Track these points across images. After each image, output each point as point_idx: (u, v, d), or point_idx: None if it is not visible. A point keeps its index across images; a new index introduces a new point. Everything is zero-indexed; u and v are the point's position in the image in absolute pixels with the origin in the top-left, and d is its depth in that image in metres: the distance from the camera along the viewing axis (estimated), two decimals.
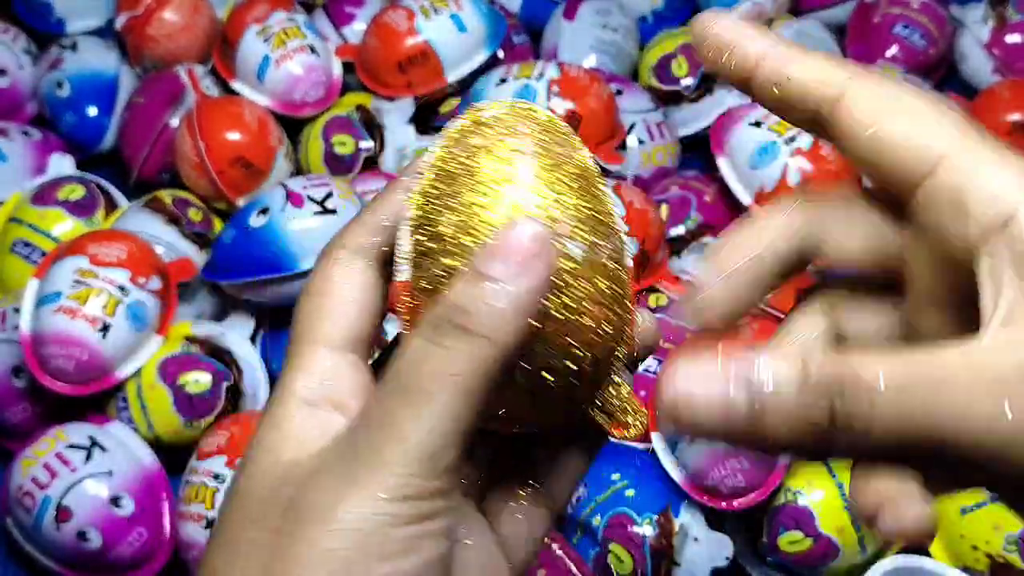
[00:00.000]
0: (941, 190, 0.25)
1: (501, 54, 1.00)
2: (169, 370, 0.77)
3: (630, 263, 0.30)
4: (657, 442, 0.74)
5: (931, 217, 0.25)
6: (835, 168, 0.85)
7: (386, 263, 0.31)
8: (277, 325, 0.86)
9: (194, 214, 0.88)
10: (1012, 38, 1.03)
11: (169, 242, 0.84)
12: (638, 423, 0.31)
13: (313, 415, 0.29)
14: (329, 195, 0.82)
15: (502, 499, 0.32)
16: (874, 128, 0.26)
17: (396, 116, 0.94)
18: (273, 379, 0.82)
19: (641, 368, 0.77)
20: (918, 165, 0.25)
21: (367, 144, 0.94)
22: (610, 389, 0.31)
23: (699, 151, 0.98)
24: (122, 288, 0.76)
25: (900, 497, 0.25)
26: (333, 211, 0.81)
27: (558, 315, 0.28)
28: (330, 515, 0.25)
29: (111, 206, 0.89)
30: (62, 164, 0.93)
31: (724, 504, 0.71)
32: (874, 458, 0.24)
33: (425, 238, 0.29)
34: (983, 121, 1.04)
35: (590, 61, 1.00)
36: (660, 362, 0.75)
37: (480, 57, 0.97)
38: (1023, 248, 0.24)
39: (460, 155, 0.30)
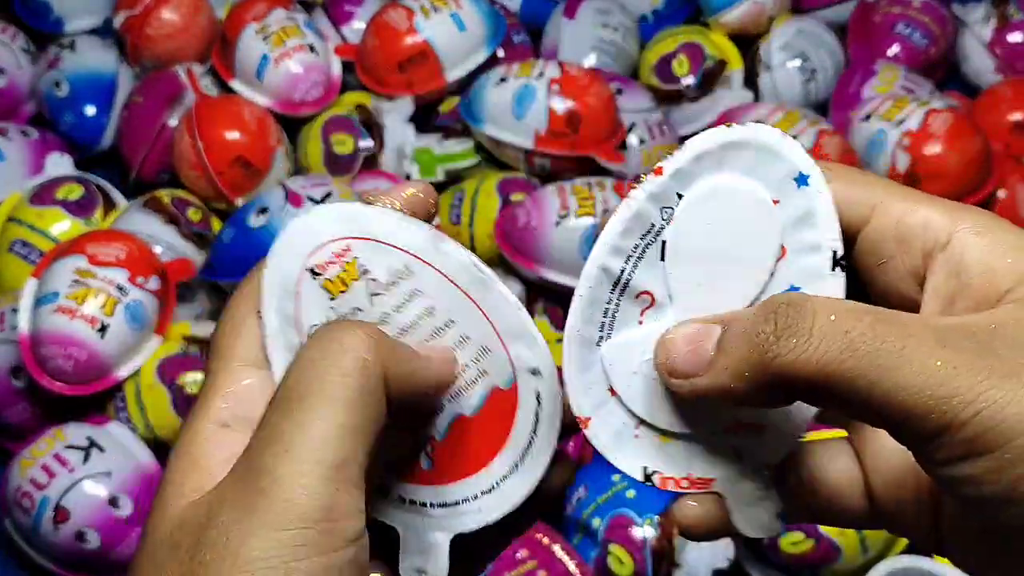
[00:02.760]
0: (881, 230, 0.28)
1: (501, 53, 1.00)
2: (168, 370, 0.77)
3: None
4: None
5: (873, 258, 0.28)
6: None
7: None
8: None
9: (193, 214, 0.87)
10: (1014, 37, 1.03)
11: (168, 242, 0.84)
12: None
13: (225, 437, 0.27)
14: (328, 195, 0.81)
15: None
16: None
17: (396, 116, 0.94)
18: None
19: None
20: (856, 215, 0.28)
21: (367, 144, 0.93)
22: None
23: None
24: (121, 288, 0.76)
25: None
26: None
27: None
28: (236, 556, 0.24)
29: (110, 206, 0.89)
30: (61, 164, 0.93)
31: None
32: (798, 389, 0.25)
33: None
34: (984, 121, 1.04)
35: (590, 60, 1.00)
36: None
37: (480, 56, 0.96)
38: (958, 261, 0.26)
39: None
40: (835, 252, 0.28)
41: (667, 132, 0.95)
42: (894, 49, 1.02)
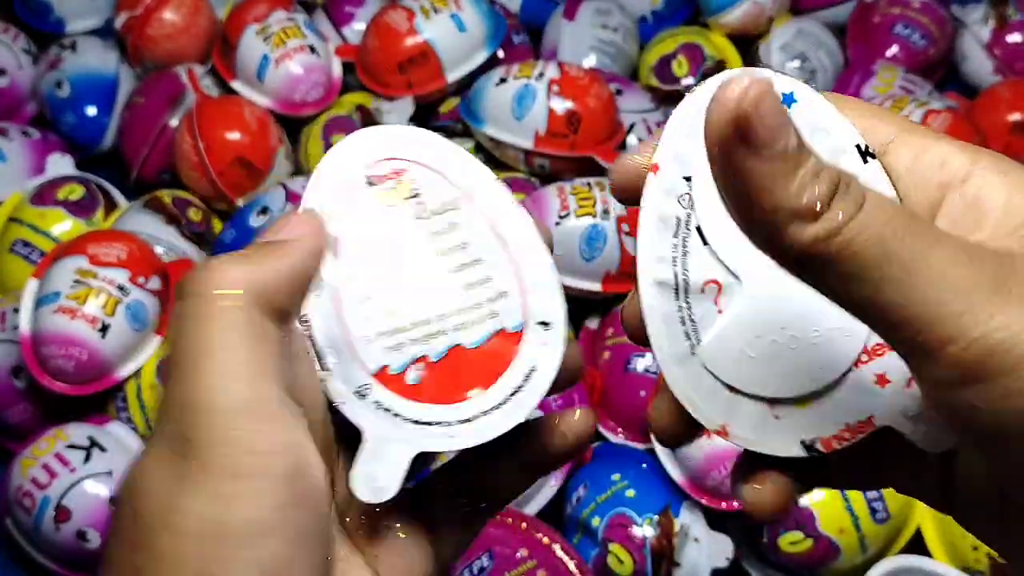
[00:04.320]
0: (896, 166, 0.27)
1: (501, 54, 1.00)
2: None
3: None
4: (657, 443, 0.74)
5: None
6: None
7: None
8: None
9: (194, 214, 0.88)
10: (1013, 38, 1.03)
11: (169, 242, 0.84)
12: None
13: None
14: None
15: (440, 502, 0.32)
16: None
17: (396, 116, 0.94)
18: None
19: (642, 368, 0.77)
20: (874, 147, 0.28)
21: None
22: None
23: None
24: (121, 288, 0.76)
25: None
26: None
27: None
28: (169, 520, 0.25)
29: (111, 206, 0.89)
30: (61, 164, 0.93)
31: (725, 504, 0.71)
32: (831, 276, 0.24)
33: None
34: (983, 121, 1.04)
35: (590, 61, 1.00)
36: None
37: (480, 57, 0.97)
38: (976, 196, 0.26)
39: None
40: (858, 146, 0.28)
41: None
42: (893, 50, 1.02)
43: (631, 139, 0.93)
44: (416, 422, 0.31)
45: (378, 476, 0.30)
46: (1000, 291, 0.23)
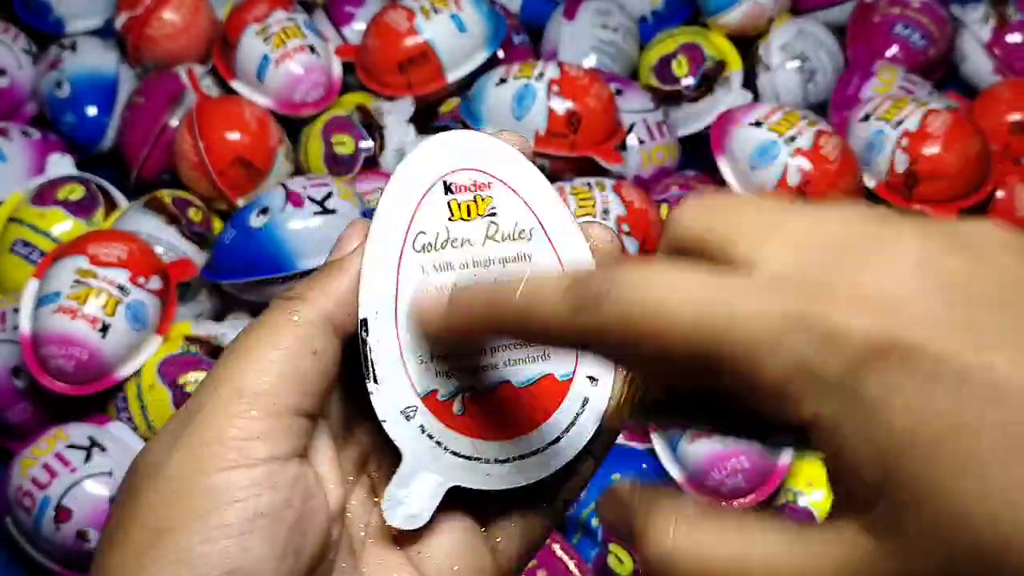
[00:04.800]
0: None
1: (501, 54, 1.00)
2: (169, 370, 0.77)
3: None
4: (657, 442, 0.74)
5: None
6: (835, 168, 0.85)
7: None
8: None
9: (194, 214, 0.88)
10: (1013, 38, 1.03)
11: (169, 242, 0.84)
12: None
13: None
14: (329, 195, 0.82)
15: (497, 503, 0.32)
16: None
17: (396, 116, 0.94)
18: None
19: None
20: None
21: (367, 144, 0.94)
22: None
23: (699, 151, 0.98)
24: (122, 288, 0.76)
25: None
26: (333, 211, 0.81)
27: None
28: (157, 471, 0.27)
29: (111, 206, 0.89)
30: (62, 164, 0.93)
31: (724, 504, 0.71)
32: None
33: None
34: (983, 121, 1.04)
35: (590, 61, 1.00)
36: None
37: (480, 57, 0.96)
38: None
39: None
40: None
41: (667, 133, 0.96)
42: (893, 50, 1.02)
43: (631, 139, 0.93)
44: (456, 454, 0.30)
45: (410, 503, 0.30)
46: None
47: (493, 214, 0.30)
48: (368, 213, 0.83)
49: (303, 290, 0.29)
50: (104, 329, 0.75)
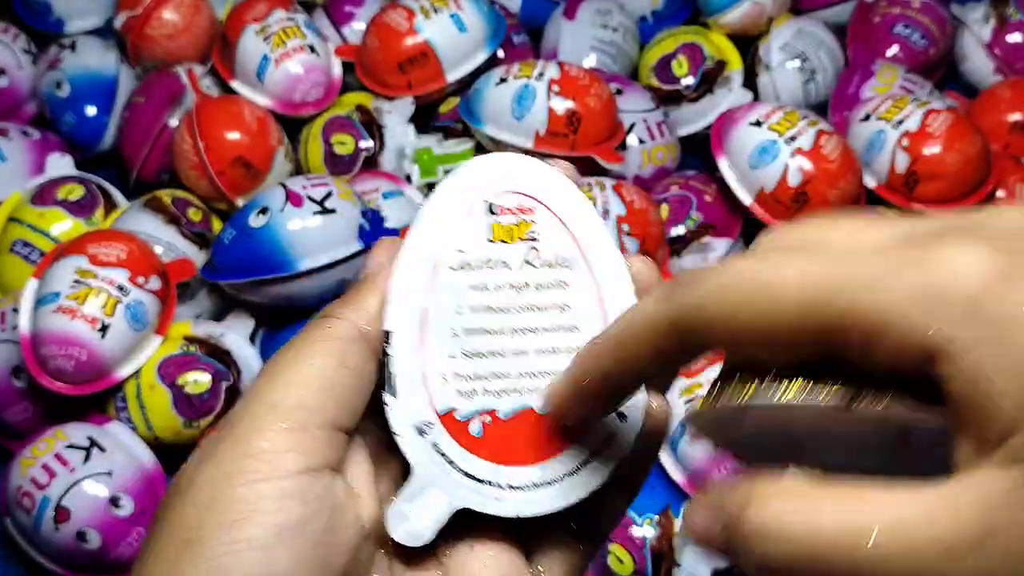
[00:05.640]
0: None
1: (501, 54, 1.00)
2: (168, 370, 0.77)
3: None
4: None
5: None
6: (835, 168, 0.85)
7: None
8: (277, 325, 0.85)
9: (194, 214, 0.88)
10: (1013, 38, 1.03)
11: (169, 242, 0.84)
12: None
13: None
14: (329, 195, 0.82)
15: (541, 531, 0.31)
16: None
17: (396, 116, 0.94)
18: None
19: None
20: None
21: (367, 144, 0.94)
22: None
23: (699, 151, 0.98)
24: (121, 288, 0.76)
25: None
26: (333, 211, 0.80)
27: None
28: (189, 484, 0.27)
29: (110, 206, 0.89)
30: (61, 164, 0.93)
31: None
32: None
33: None
34: (983, 121, 1.04)
35: (590, 61, 1.00)
36: None
37: (480, 57, 0.96)
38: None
39: None
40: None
41: (667, 132, 0.96)
42: (893, 50, 1.02)
43: (631, 139, 0.93)
44: (467, 475, 0.30)
45: (415, 520, 0.29)
46: None
47: (534, 239, 0.30)
48: (368, 213, 0.82)
49: (337, 308, 0.30)
50: (104, 329, 0.75)
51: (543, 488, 0.30)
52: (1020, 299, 0.20)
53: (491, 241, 0.30)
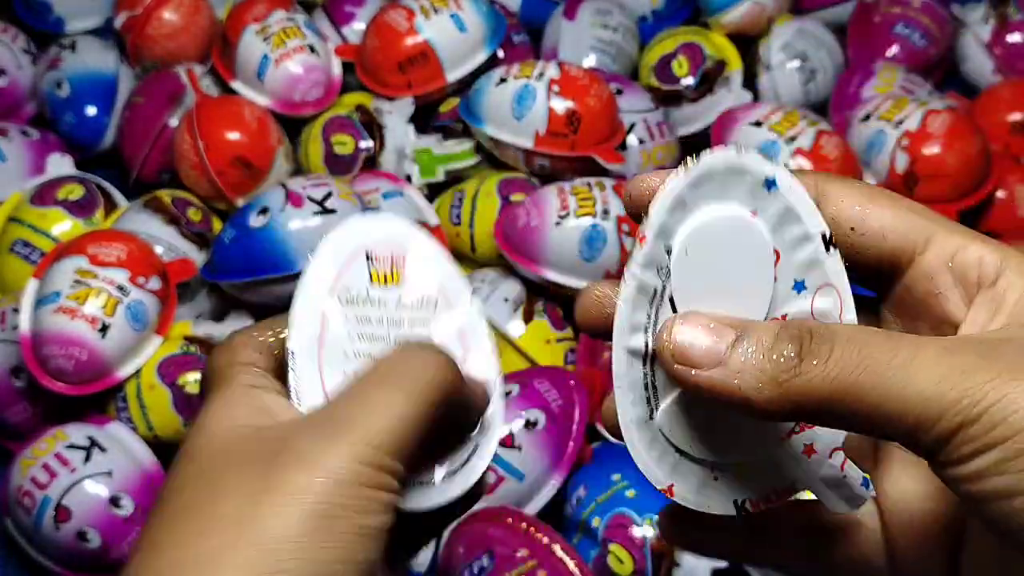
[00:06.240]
0: (936, 263, 0.29)
1: (501, 54, 1.00)
2: (168, 370, 0.77)
3: None
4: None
5: (928, 286, 0.30)
6: (835, 168, 0.85)
7: None
8: None
9: (194, 214, 0.88)
10: (1013, 38, 1.03)
11: (169, 242, 0.84)
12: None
13: (257, 396, 0.33)
14: (329, 195, 0.82)
15: None
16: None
17: (396, 116, 0.94)
18: None
19: None
20: (908, 245, 0.30)
21: (367, 144, 0.94)
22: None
23: (699, 151, 0.98)
24: (121, 288, 0.76)
25: None
26: (332, 211, 0.80)
27: None
28: (313, 462, 0.29)
29: (111, 206, 0.89)
30: (61, 164, 0.93)
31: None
32: (811, 408, 0.26)
33: None
34: (983, 121, 1.04)
35: (590, 61, 1.00)
36: None
37: (480, 57, 0.96)
38: (1000, 298, 0.28)
39: None
40: (823, 235, 0.29)
41: (667, 132, 0.96)
42: (893, 50, 1.02)
43: (631, 139, 0.93)
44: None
45: None
46: (989, 369, 0.24)
47: (404, 284, 0.35)
48: (367, 212, 0.82)
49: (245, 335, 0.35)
50: (104, 329, 0.75)
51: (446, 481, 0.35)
52: None
53: (371, 283, 0.35)
